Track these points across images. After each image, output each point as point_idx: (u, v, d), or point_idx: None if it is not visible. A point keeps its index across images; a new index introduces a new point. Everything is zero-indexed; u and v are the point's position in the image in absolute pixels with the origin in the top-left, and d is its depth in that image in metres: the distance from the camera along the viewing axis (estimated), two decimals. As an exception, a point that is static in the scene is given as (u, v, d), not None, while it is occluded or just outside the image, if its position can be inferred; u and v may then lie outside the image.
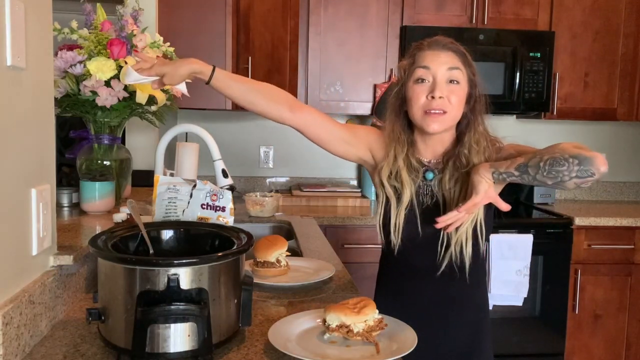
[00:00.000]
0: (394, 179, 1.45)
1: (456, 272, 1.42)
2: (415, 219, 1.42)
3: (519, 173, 1.25)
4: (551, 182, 1.22)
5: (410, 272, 1.49)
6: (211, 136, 1.97)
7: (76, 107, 1.70)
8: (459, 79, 1.37)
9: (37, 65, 1.09)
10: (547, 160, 1.21)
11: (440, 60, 1.37)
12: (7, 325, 0.94)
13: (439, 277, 1.43)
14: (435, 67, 1.36)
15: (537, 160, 1.23)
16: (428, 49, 1.40)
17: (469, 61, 1.40)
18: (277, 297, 1.43)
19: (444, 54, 1.38)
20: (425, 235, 1.42)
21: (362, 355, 1.04)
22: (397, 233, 1.44)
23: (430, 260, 1.43)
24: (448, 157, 1.42)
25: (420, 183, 1.45)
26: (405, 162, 1.44)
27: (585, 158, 1.18)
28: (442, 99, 1.35)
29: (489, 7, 3.09)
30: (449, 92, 1.36)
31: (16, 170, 1.01)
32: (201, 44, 2.66)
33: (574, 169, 1.19)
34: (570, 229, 2.94)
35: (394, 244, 1.45)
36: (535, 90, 3.10)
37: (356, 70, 3.09)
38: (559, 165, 1.20)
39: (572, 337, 3.01)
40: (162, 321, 0.96)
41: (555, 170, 1.20)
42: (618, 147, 3.66)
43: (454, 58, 1.38)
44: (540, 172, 1.22)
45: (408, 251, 1.45)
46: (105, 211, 1.67)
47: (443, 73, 1.36)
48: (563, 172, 1.20)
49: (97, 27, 1.71)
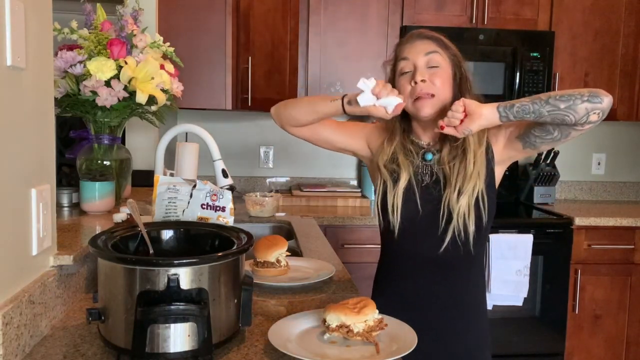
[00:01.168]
0: (391, 162, 1.48)
1: (458, 253, 1.42)
2: (415, 196, 1.44)
3: (529, 100, 1.27)
4: (563, 105, 1.24)
5: (411, 256, 1.48)
6: (211, 136, 1.97)
7: (76, 107, 1.70)
8: (439, 62, 1.42)
9: (37, 65, 1.09)
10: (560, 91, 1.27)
11: (417, 49, 1.43)
12: (7, 325, 0.94)
13: (441, 260, 1.43)
14: (413, 56, 1.43)
15: (548, 93, 1.28)
16: (406, 42, 1.47)
17: (446, 44, 1.45)
18: (277, 297, 1.43)
19: (420, 42, 1.44)
20: (425, 213, 1.43)
21: (362, 355, 1.04)
22: (395, 214, 1.45)
23: (432, 241, 1.42)
24: (443, 135, 1.43)
25: (420, 164, 1.47)
26: (401, 147, 1.48)
27: (593, 90, 1.25)
28: (425, 83, 1.40)
29: (489, 7, 3.09)
30: (430, 75, 1.41)
31: (16, 170, 1.01)
32: (201, 44, 2.66)
33: (585, 94, 1.24)
34: (570, 229, 2.94)
35: (393, 225, 1.45)
36: (535, 90, 3.09)
37: (356, 70, 3.08)
38: (570, 91, 1.25)
39: (572, 337, 3.01)
40: (162, 321, 0.96)
41: (567, 94, 1.25)
42: (618, 147, 3.66)
43: (430, 44, 1.43)
44: (553, 97, 1.25)
45: (408, 232, 1.45)
46: (105, 211, 1.67)
47: (422, 59, 1.42)
48: (575, 95, 1.24)
49: (97, 27, 1.71)
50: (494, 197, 1.45)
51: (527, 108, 1.26)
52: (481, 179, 1.40)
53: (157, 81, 1.70)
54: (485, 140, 1.44)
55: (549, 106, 1.25)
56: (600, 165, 3.67)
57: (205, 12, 2.66)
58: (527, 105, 1.26)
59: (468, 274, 1.48)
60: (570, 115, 1.24)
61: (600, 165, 3.67)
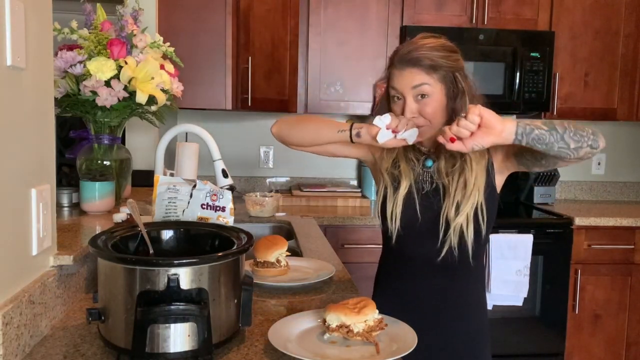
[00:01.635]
0: (393, 168, 1.48)
1: (457, 260, 1.41)
2: (415, 204, 1.43)
3: (547, 128, 1.24)
4: (573, 145, 1.24)
5: (411, 262, 1.48)
6: (211, 136, 1.97)
7: (76, 107, 1.70)
8: (428, 92, 1.36)
9: (37, 65, 1.09)
10: (571, 124, 1.26)
11: (405, 81, 1.37)
12: (7, 325, 0.94)
13: (440, 266, 1.42)
14: (401, 88, 1.38)
15: (561, 122, 1.26)
16: (395, 66, 1.39)
17: (436, 65, 1.35)
18: (277, 297, 1.43)
19: (408, 71, 1.36)
20: (424, 220, 1.43)
21: (362, 355, 1.04)
22: (394, 220, 1.44)
23: (431, 248, 1.42)
24: (440, 144, 1.42)
25: (420, 170, 1.46)
26: (403, 153, 1.47)
27: (595, 131, 1.26)
28: (415, 117, 1.37)
29: (489, 7, 3.09)
30: (420, 107, 1.37)
31: (16, 170, 1.01)
32: (201, 44, 2.66)
33: (591, 137, 1.25)
34: (570, 229, 2.94)
35: (391, 232, 1.46)
36: (535, 90, 3.10)
37: (356, 70, 3.09)
38: (582, 130, 1.25)
39: (572, 337, 3.01)
40: (162, 321, 0.96)
41: (579, 134, 1.24)
42: (618, 147, 3.66)
43: (418, 74, 1.36)
44: (567, 132, 1.24)
45: (408, 238, 1.45)
46: (105, 211, 1.67)
47: (409, 92, 1.37)
48: (584, 137, 1.24)
49: (97, 27, 1.71)
50: (494, 206, 1.44)
51: (543, 139, 1.23)
52: (480, 193, 1.38)
53: (157, 81, 1.70)
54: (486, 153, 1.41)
55: (562, 142, 1.24)
56: (600, 165, 3.67)
57: (205, 12, 2.66)
58: (544, 135, 1.23)
59: (468, 275, 1.47)
60: (572, 155, 1.25)
61: (600, 165, 3.67)
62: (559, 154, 1.25)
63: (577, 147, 1.24)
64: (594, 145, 1.25)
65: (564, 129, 1.24)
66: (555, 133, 1.23)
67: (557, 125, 1.25)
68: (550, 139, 1.23)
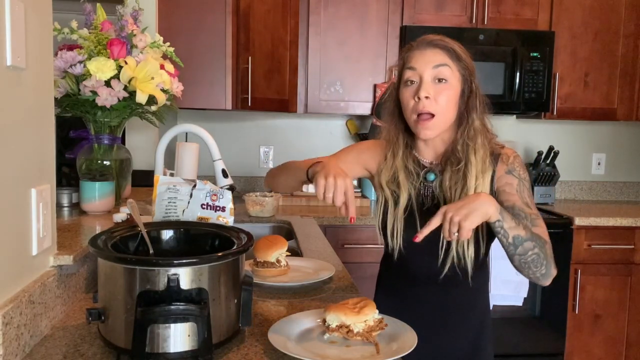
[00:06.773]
0: (392, 182, 1.44)
1: (458, 276, 1.40)
2: (415, 222, 1.40)
3: (525, 234, 1.26)
4: (532, 270, 1.30)
5: (412, 278, 1.47)
6: (211, 136, 1.97)
7: (76, 107, 1.70)
8: (447, 76, 1.33)
9: (37, 65, 1.09)
10: (534, 255, 1.28)
11: (426, 58, 1.34)
12: (7, 325, 0.94)
13: (441, 283, 1.41)
14: (421, 67, 1.33)
15: (543, 239, 1.30)
16: (415, 48, 1.37)
17: (458, 55, 1.35)
18: (277, 297, 1.42)
19: (430, 51, 1.34)
20: (425, 238, 1.41)
21: (362, 355, 1.04)
22: (395, 238, 1.42)
23: (432, 265, 1.40)
24: (446, 156, 1.40)
25: (421, 185, 1.43)
26: (403, 165, 1.43)
27: (551, 271, 1.33)
28: (428, 99, 1.32)
29: (489, 7, 3.09)
30: (436, 92, 1.32)
31: (16, 170, 1.01)
32: (201, 44, 2.66)
33: (543, 270, 1.31)
34: (570, 229, 2.94)
35: (392, 249, 1.45)
36: (535, 90, 3.10)
37: (356, 70, 3.09)
38: (536, 265, 1.30)
39: (572, 337, 3.01)
40: (162, 321, 0.96)
41: (547, 260, 1.30)
42: (618, 147, 3.66)
43: (440, 55, 1.34)
44: (536, 256, 1.28)
45: (409, 255, 1.44)
46: (105, 211, 1.67)
47: (429, 72, 1.33)
48: (543, 266, 1.30)
49: (97, 27, 1.71)
50: None
51: (503, 239, 1.27)
52: None
53: (157, 81, 1.70)
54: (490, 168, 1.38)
55: (514, 257, 1.28)
56: (600, 165, 3.67)
57: (205, 12, 2.66)
58: (506, 240, 1.27)
59: (470, 288, 1.44)
60: (524, 272, 1.31)
61: (600, 165, 3.67)
62: (516, 261, 1.30)
63: (530, 274, 1.31)
64: (541, 280, 1.32)
65: (541, 246, 1.29)
66: (513, 248, 1.27)
67: (537, 239, 1.28)
68: (507, 247, 1.27)
